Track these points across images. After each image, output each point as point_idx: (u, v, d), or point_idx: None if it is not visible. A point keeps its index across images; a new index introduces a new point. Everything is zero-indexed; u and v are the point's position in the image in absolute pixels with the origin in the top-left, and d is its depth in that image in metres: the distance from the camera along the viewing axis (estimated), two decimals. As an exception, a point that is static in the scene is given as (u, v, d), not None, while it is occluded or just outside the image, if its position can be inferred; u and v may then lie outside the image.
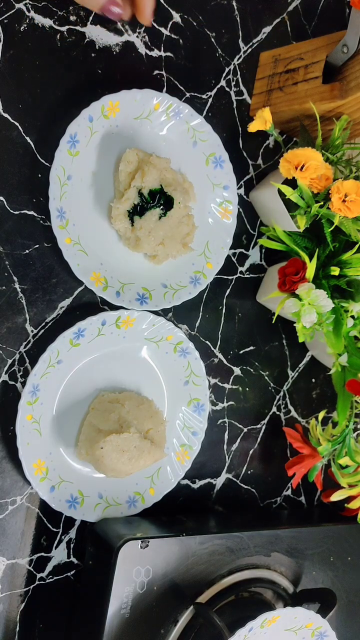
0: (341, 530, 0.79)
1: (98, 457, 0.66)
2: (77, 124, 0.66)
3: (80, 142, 0.67)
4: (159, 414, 0.71)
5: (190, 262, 0.74)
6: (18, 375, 0.67)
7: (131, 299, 0.70)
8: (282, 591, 0.74)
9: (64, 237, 0.67)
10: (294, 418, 0.86)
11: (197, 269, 0.74)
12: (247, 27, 0.79)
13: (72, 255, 0.67)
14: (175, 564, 0.65)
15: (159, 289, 0.72)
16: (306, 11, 0.83)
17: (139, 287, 0.71)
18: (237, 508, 0.82)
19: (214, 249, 0.75)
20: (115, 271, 0.70)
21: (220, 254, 0.76)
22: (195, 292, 0.74)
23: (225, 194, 0.76)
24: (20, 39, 0.66)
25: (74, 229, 0.68)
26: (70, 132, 0.66)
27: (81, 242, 0.68)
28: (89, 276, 0.68)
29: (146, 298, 0.71)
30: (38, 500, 0.68)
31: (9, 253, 0.66)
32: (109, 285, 0.69)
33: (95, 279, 0.68)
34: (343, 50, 0.70)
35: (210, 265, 0.75)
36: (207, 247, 0.75)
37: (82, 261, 0.68)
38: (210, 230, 0.75)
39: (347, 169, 0.74)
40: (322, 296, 0.68)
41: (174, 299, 0.72)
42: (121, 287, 0.70)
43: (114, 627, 0.61)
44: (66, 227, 0.67)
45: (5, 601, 0.67)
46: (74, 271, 0.67)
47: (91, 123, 0.67)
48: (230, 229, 0.76)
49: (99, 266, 0.69)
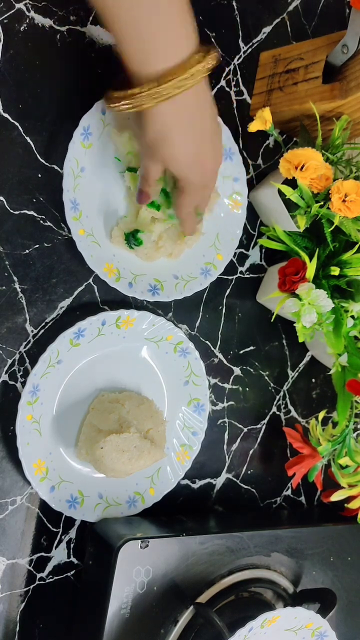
0: (341, 530, 0.79)
1: (98, 457, 0.66)
2: (90, 116, 0.67)
3: (93, 135, 0.68)
4: (159, 414, 0.71)
5: (200, 254, 0.75)
6: (18, 375, 0.67)
7: (143, 290, 0.71)
8: (282, 591, 0.74)
9: (77, 228, 0.67)
10: (294, 418, 0.86)
11: (208, 260, 0.75)
12: (247, 27, 0.79)
13: (86, 247, 0.67)
14: (175, 564, 0.65)
15: (170, 280, 0.73)
16: (306, 11, 0.83)
17: (150, 279, 0.72)
18: (237, 508, 0.82)
19: (224, 240, 0.76)
20: (128, 262, 0.71)
21: (230, 245, 0.76)
22: (206, 283, 0.75)
23: (235, 185, 0.76)
24: (20, 39, 0.66)
25: (87, 221, 0.68)
26: (83, 125, 0.67)
27: (94, 234, 0.69)
28: (102, 267, 0.68)
29: (158, 289, 0.72)
30: (38, 500, 0.68)
31: (9, 253, 0.66)
32: (121, 277, 0.70)
33: (108, 270, 0.69)
34: (343, 50, 0.70)
35: (220, 257, 0.76)
36: (217, 239, 0.76)
37: (95, 252, 0.68)
38: (221, 222, 0.76)
39: (347, 169, 0.74)
40: (322, 296, 0.68)
41: (185, 290, 0.73)
42: (133, 278, 0.71)
43: (114, 627, 0.61)
44: (80, 218, 0.67)
45: (5, 601, 0.67)
46: (88, 262, 0.67)
47: (104, 115, 0.68)
48: (240, 221, 0.77)
49: (112, 257, 0.70)
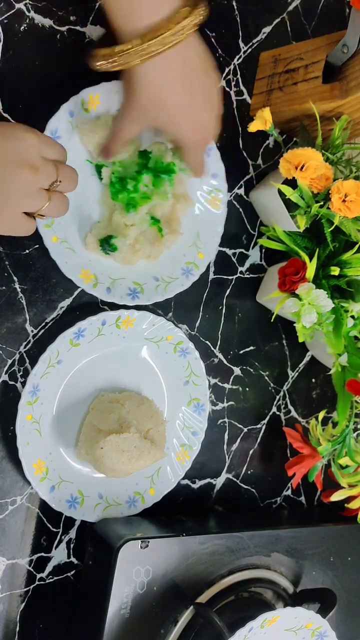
0: (341, 530, 0.79)
1: (98, 457, 0.66)
2: (57, 120, 0.66)
3: (62, 138, 0.66)
4: (159, 414, 0.71)
5: (181, 254, 0.73)
6: (18, 375, 0.67)
7: (122, 295, 0.69)
8: (282, 591, 0.74)
9: (50, 235, 0.66)
10: (294, 418, 0.86)
11: (189, 259, 0.74)
12: (247, 27, 0.79)
13: (60, 254, 0.66)
14: (175, 564, 0.65)
15: (150, 282, 0.72)
16: (306, 11, 0.83)
17: (129, 282, 0.70)
18: (237, 508, 0.82)
19: (205, 238, 0.74)
20: (105, 267, 0.70)
21: (212, 243, 0.75)
22: (188, 284, 0.73)
23: (214, 182, 0.75)
24: (20, 39, 0.66)
25: (60, 227, 0.67)
26: (50, 129, 0.65)
27: (68, 240, 0.68)
28: (78, 274, 0.67)
29: (138, 292, 0.70)
30: (38, 500, 0.68)
31: (9, 253, 0.66)
32: (99, 282, 0.68)
33: (84, 276, 0.67)
34: (343, 50, 0.70)
35: (201, 255, 0.74)
36: (197, 237, 0.74)
37: (70, 259, 0.67)
38: (200, 220, 0.74)
39: (347, 169, 0.74)
40: (322, 296, 0.68)
41: (167, 292, 0.72)
42: (112, 283, 0.69)
43: (114, 627, 0.61)
44: (52, 225, 0.66)
45: (5, 601, 0.67)
46: (62, 269, 0.66)
47: (72, 118, 0.67)
48: (221, 218, 0.75)
49: (88, 263, 0.69)
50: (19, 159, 0.54)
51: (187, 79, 0.59)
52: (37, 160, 0.55)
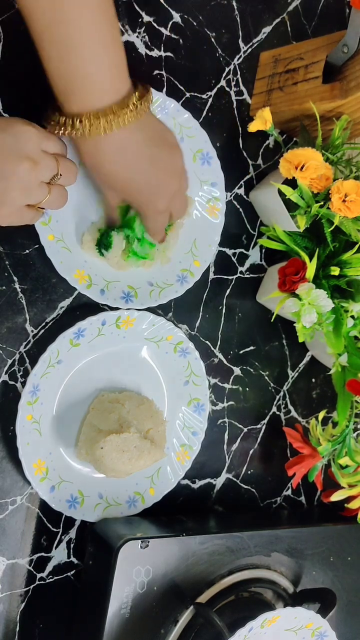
0: (341, 530, 0.79)
1: (98, 457, 0.66)
2: None
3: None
4: (159, 414, 0.71)
5: (177, 260, 0.73)
6: (18, 375, 0.67)
7: (116, 297, 0.69)
8: (282, 591, 0.74)
9: (46, 234, 0.66)
10: (294, 418, 0.86)
11: (185, 267, 0.74)
12: (247, 27, 0.79)
13: (55, 253, 0.66)
14: (175, 564, 0.65)
15: (144, 287, 0.71)
16: (306, 11, 0.83)
17: (124, 285, 0.70)
18: (237, 508, 0.82)
19: (202, 246, 0.74)
20: (100, 269, 0.70)
21: (208, 251, 0.75)
22: (182, 291, 0.73)
23: (212, 191, 0.75)
24: (20, 39, 0.66)
25: (57, 226, 0.67)
26: None
27: (64, 239, 0.67)
28: (72, 274, 0.67)
29: (131, 296, 0.70)
30: (38, 500, 0.68)
31: (9, 253, 0.66)
32: (93, 283, 0.68)
33: (79, 277, 0.67)
34: (343, 50, 0.70)
35: (197, 263, 0.74)
36: (194, 245, 0.74)
37: (65, 258, 0.67)
38: (198, 228, 0.74)
39: (347, 169, 0.74)
40: (322, 296, 0.68)
41: (160, 297, 0.72)
42: (106, 285, 0.69)
43: (114, 627, 0.61)
44: (49, 223, 0.66)
45: (5, 601, 0.67)
46: (57, 268, 0.66)
47: None
48: (218, 227, 0.75)
49: (83, 263, 0.68)
50: (19, 153, 0.54)
51: (139, 154, 0.60)
52: (36, 154, 0.55)
